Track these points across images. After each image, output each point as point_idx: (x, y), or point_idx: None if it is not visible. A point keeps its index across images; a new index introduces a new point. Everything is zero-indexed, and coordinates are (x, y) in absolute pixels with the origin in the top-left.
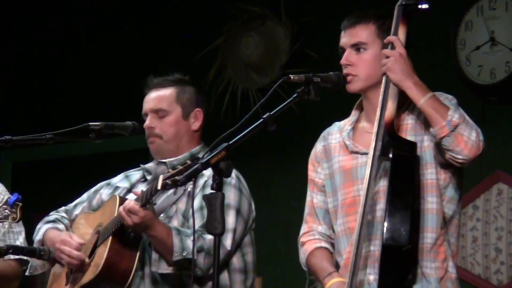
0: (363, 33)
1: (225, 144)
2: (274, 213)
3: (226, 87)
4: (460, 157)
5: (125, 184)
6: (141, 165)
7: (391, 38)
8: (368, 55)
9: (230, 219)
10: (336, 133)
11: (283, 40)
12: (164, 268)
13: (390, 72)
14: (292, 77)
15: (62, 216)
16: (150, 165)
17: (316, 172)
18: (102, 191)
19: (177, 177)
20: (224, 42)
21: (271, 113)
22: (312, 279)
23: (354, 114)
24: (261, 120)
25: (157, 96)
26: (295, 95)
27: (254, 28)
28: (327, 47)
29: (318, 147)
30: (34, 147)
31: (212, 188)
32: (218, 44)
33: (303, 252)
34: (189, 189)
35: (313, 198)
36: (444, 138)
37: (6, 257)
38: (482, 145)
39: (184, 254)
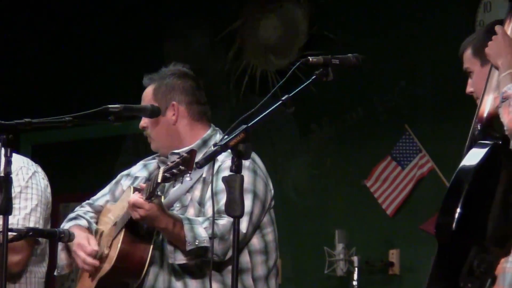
0: (465, 60)
1: (244, 126)
2: (293, 195)
3: (244, 70)
4: (505, 129)
5: (144, 174)
6: (156, 157)
7: (495, 28)
8: (474, 76)
9: (247, 202)
10: None
11: (302, 22)
12: (181, 259)
13: (489, 58)
14: (310, 59)
15: (86, 211)
16: (163, 156)
17: None
18: (123, 182)
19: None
20: (242, 25)
21: (290, 95)
22: (332, 261)
23: None
24: (280, 102)
25: (143, 96)
26: (313, 77)
27: (273, 10)
28: (345, 28)
29: None
30: (54, 129)
31: (231, 170)
32: (236, 26)
33: None
34: (204, 175)
35: None
36: (498, 109)
37: None
38: None
39: (196, 243)
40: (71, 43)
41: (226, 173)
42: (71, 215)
